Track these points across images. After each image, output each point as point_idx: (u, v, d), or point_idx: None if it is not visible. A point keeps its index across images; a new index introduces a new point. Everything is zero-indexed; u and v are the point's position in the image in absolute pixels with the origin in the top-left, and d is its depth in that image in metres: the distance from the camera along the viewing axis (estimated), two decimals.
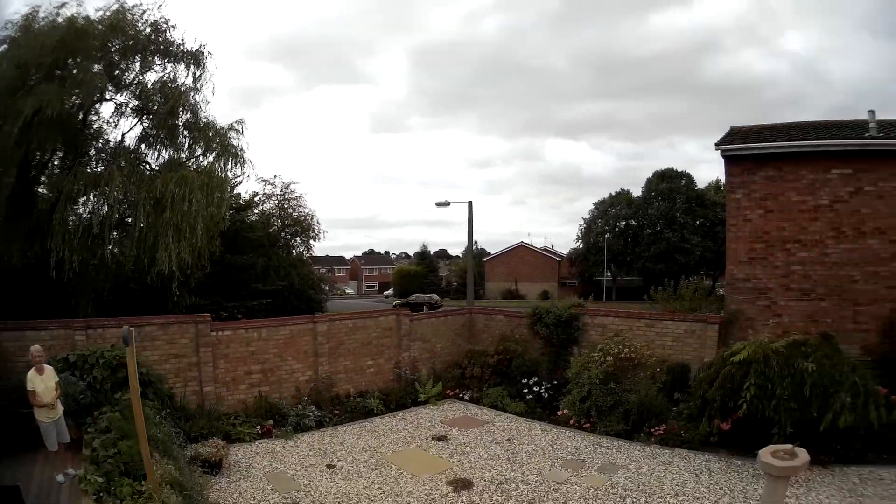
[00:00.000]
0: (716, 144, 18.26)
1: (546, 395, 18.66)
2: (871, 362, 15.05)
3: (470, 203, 31.30)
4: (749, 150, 17.59)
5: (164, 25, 18.59)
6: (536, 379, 19.28)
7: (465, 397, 19.84)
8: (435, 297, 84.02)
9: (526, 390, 19.02)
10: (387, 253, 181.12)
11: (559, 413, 17.39)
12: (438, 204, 31.81)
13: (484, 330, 22.47)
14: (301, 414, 16.45)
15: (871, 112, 17.69)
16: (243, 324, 17.42)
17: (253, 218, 28.96)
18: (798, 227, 17.16)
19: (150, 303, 19.75)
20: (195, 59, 19.05)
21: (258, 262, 26.52)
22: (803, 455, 8.66)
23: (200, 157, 19.30)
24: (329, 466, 13.62)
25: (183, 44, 18.95)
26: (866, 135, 16.65)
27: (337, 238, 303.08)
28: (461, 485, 12.64)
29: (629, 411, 16.07)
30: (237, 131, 19.59)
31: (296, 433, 15.76)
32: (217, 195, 18.29)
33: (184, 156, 18.77)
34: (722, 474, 13.07)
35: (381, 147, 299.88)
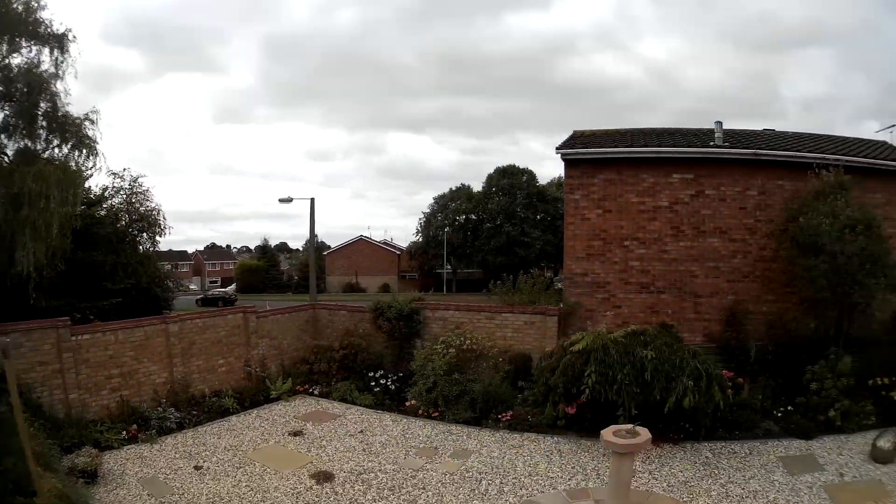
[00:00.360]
0: (556, 148, 18.90)
1: (393, 387, 18.94)
2: (716, 349, 16.69)
3: (312, 200, 31.75)
4: (589, 154, 18.36)
5: (36, 4, 17.44)
6: (382, 372, 19.57)
7: (315, 392, 19.85)
8: (230, 290, 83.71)
9: (373, 383, 19.24)
10: (228, 247, 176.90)
11: (407, 404, 17.68)
12: (281, 200, 31.89)
13: (328, 325, 22.58)
14: (162, 416, 16.12)
15: (719, 123, 18.98)
16: (100, 327, 16.74)
17: (102, 213, 27.83)
18: (636, 226, 18.12)
19: (8, 305, 18.75)
20: (59, 43, 17.87)
21: (107, 259, 25.52)
22: (645, 433, 9.19)
23: (55, 149, 18.27)
24: (196, 468, 13.46)
25: (51, 25, 17.81)
26: (711, 143, 17.76)
27: (180, 232, 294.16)
28: (323, 477, 12.79)
29: (475, 399, 16.52)
30: (92, 122, 18.57)
31: (160, 436, 15.46)
32: (72, 192, 17.23)
33: (40, 147, 17.89)
34: (572, 455, 13.70)
35: (223, 137, 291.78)
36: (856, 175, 15.73)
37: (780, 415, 14.52)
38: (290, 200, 31.86)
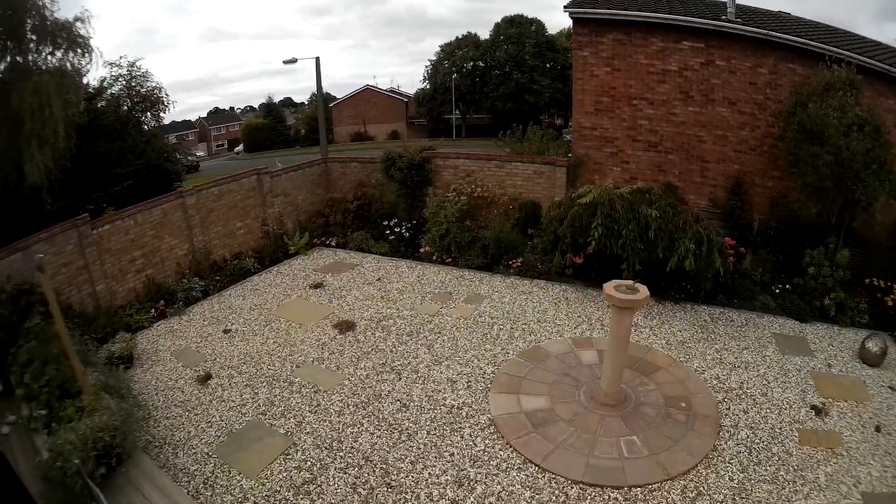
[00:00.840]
0: (564, 7, 18.61)
1: (407, 234, 19.60)
2: (720, 215, 16.97)
3: (317, 59, 31.08)
4: (598, 14, 18.06)
5: None
6: (396, 220, 20.18)
7: (332, 244, 20.44)
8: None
9: (388, 232, 19.87)
10: (231, 109, 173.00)
11: (422, 250, 18.45)
12: (286, 62, 31.42)
13: (341, 178, 22.88)
14: (187, 288, 16.60)
15: None
16: (118, 214, 16.56)
17: (104, 103, 27.72)
18: (645, 87, 18.01)
19: (26, 215, 18.87)
20: None
21: (114, 146, 25.64)
22: (644, 290, 9.61)
23: (49, 56, 17.82)
24: (225, 332, 14.20)
25: None
26: (723, 17, 17.26)
27: (180, 102, 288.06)
28: (345, 326, 13.75)
29: (487, 246, 17.29)
30: (83, 21, 18.29)
31: (187, 306, 15.95)
32: (73, 93, 17.53)
33: (33, 59, 17.78)
34: (578, 303, 14.60)
35: (212, 3, 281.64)
36: (868, 76, 15.35)
37: (777, 291, 14.79)
38: (294, 61, 31.64)
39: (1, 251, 13.51)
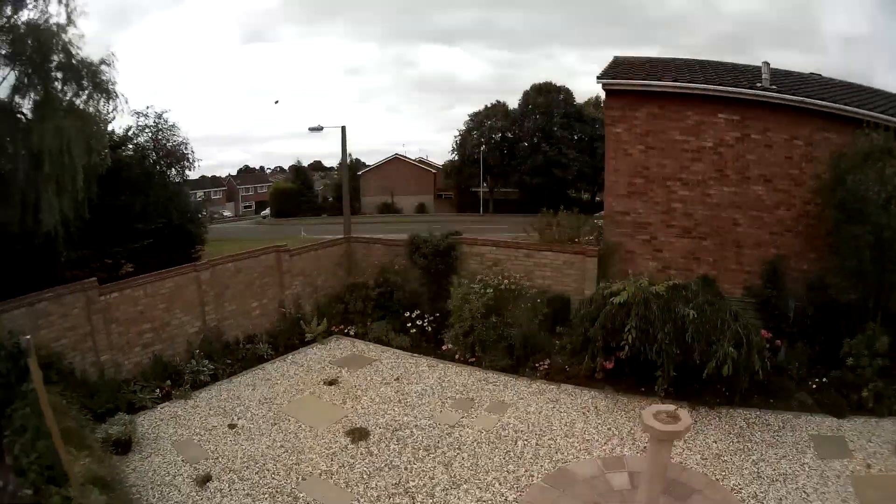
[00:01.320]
0: (598, 77, 18.03)
1: (430, 328, 18.68)
2: (754, 304, 15.87)
3: (343, 128, 30.67)
4: (632, 86, 17.52)
5: None
6: (419, 312, 19.26)
7: (351, 332, 19.65)
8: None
9: (409, 324, 18.96)
10: (261, 168, 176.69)
11: (444, 348, 17.49)
12: (312, 129, 31.11)
13: (363, 259, 22.10)
14: (196, 370, 15.95)
15: (766, 63, 17.92)
16: (129, 283, 16.26)
17: (129, 153, 27.41)
18: (680, 166, 17.39)
19: (38, 263, 18.49)
20: None
21: (136, 201, 25.20)
22: (686, 418, 8.65)
23: (73, 98, 17.29)
24: (231, 426, 13.44)
25: None
26: (758, 84, 16.77)
27: (211, 156, 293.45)
28: (358, 434, 12.77)
29: (513, 346, 16.26)
30: (108, 65, 17.73)
31: (193, 390, 15.35)
32: (94, 140, 16.93)
33: (57, 98, 17.37)
34: (609, 413, 13.50)
35: (251, 59, 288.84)
36: None
37: (814, 386, 13.96)
38: (320, 129, 31.23)
39: (6, 303, 13.37)
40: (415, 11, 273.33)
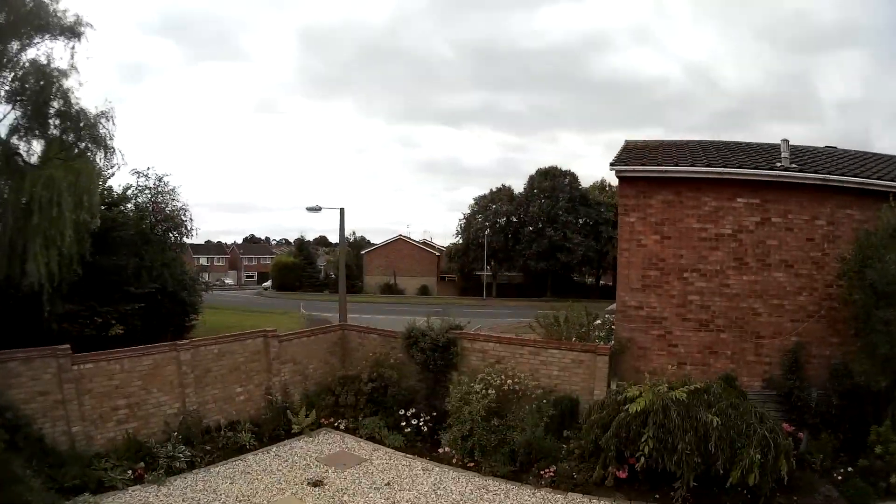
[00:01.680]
0: (610, 164, 17.43)
1: (426, 427, 17.51)
2: (775, 396, 15.50)
3: (342, 210, 30.30)
4: (648, 173, 16.83)
5: None
6: (414, 410, 18.12)
7: (341, 427, 18.45)
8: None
9: (404, 423, 17.79)
10: (267, 239, 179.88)
11: (441, 450, 16.25)
12: (309, 209, 30.75)
13: (358, 348, 21.02)
14: (172, 455, 14.97)
15: (785, 141, 17.32)
16: (104, 355, 15.58)
17: (127, 212, 27.01)
18: (697, 256, 16.71)
19: (22, 314, 18.37)
20: (73, 33, 16.62)
21: (130, 262, 24.95)
22: None
23: (69, 149, 16.99)
24: None
25: (64, 16, 16.53)
26: (778, 164, 16.26)
27: (218, 222, 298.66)
28: None
29: (516, 451, 15.16)
30: (107, 118, 17.44)
31: (168, 476, 14.29)
32: (86, 196, 16.25)
33: (54, 146, 16.76)
34: None
35: (261, 128, 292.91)
36: None
37: (839, 477, 13.28)
38: (318, 209, 30.66)
39: None
40: (421, 94, 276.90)
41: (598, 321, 20.61)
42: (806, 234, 16.12)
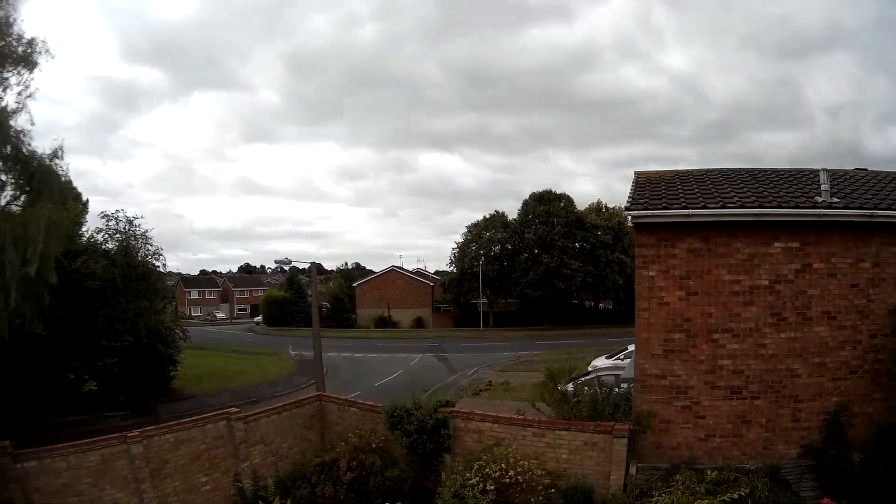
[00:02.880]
0: (625, 209, 15.54)
1: None
2: (813, 466, 14.05)
3: (313, 264, 31.04)
4: (671, 217, 14.57)
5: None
6: None
7: None
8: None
9: None
10: (262, 268, 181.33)
11: None
12: (278, 262, 31.90)
13: (338, 422, 19.27)
14: None
15: (824, 170, 15.12)
16: (47, 451, 14.27)
17: (93, 261, 25.11)
18: (729, 313, 14.62)
19: None
20: (26, 63, 15.43)
21: (100, 314, 23.92)
22: None
23: (20, 197, 16.10)
24: None
25: (17, 42, 15.37)
26: (819, 199, 14.33)
27: (212, 251, 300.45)
28: None
29: None
30: (59, 157, 16.37)
31: None
32: (32, 248, 14.59)
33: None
34: None
35: (253, 156, 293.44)
36: None
37: None
38: (288, 262, 31.22)
39: None
40: (411, 117, 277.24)
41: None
42: (850, 279, 14.28)
